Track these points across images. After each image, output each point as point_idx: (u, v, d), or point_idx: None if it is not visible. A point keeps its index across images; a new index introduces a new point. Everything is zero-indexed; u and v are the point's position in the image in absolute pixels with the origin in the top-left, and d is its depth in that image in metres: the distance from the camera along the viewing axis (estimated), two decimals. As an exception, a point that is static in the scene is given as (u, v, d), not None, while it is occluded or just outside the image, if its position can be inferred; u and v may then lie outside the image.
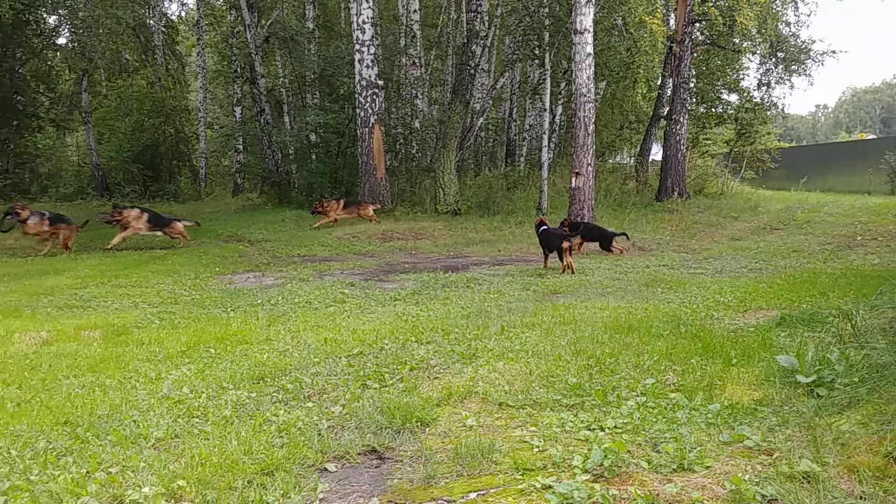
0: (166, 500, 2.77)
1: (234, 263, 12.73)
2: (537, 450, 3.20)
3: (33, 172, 29.68)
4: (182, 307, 8.39)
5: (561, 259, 10.50)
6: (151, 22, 34.26)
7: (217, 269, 11.91)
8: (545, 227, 11.28)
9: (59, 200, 29.39)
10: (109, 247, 14.78)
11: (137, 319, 7.50)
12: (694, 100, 24.29)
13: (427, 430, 3.58)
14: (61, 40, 24.81)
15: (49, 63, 23.23)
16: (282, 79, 27.32)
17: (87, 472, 3.10)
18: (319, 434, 3.54)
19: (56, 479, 3.02)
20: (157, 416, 3.96)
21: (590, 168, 14.13)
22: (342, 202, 18.50)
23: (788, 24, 24.93)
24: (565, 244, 10.50)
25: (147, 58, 34.28)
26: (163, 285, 10.05)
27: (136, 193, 30.22)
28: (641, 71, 20.07)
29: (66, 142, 35.04)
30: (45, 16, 22.22)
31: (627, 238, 12.34)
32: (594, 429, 3.40)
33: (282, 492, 2.83)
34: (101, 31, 23.91)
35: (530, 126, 27.04)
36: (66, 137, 34.13)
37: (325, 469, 3.17)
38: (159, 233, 15.63)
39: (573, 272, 10.18)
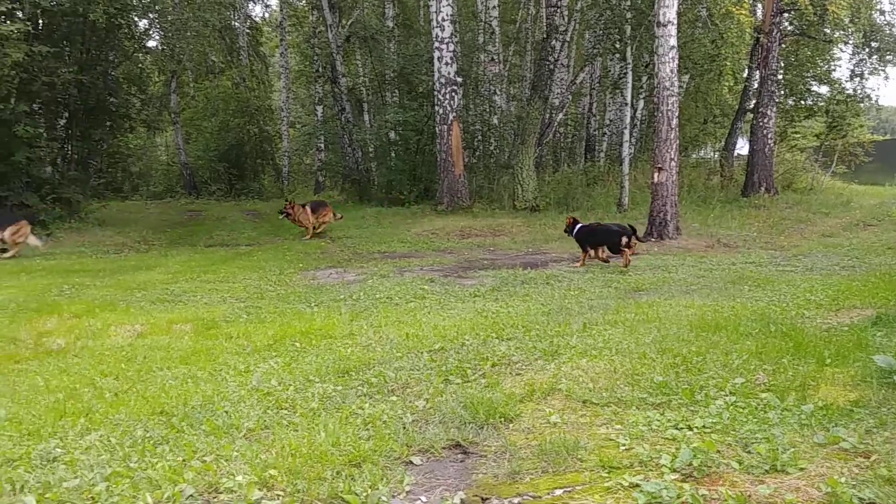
0: (259, 489, 2.86)
1: (316, 260, 12.99)
2: (623, 448, 3.17)
3: (125, 171, 30.84)
4: (268, 302, 8.60)
5: (620, 254, 10.60)
6: (236, 24, 35.24)
7: (300, 265, 12.18)
8: (581, 224, 11.32)
9: (149, 199, 30.55)
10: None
11: (226, 314, 7.73)
12: (782, 92, 23.50)
13: (510, 425, 3.59)
14: (151, 43, 25.70)
15: (140, 65, 24.08)
16: (362, 77, 27.68)
17: (184, 461, 3.22)
18: (404, 427, 3.58)
19: (154, 466, 3.15)
20: (247, 408, 4.08)
21: (673, 163, 13.82)
22: (308, 207, 17.00)
23: (883, 13, 23.92)
24: (623, 239, 10.50)
25: (232, 59, 35.24)
26: (249, 280, 10.33)
27: (222, 192, 31.15)
28: (727, 63, 19.55)
29: (155, 142, 36.34)
30: (136, 19, 23.05)
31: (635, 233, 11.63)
32: (682, 428, 3.34)
33: (370, 483, 2.88)
34: (188, 33, 24.67)
35: (610, 121, 26.67)
36: (156, 137, 35.39)
37: (411, 462, 3.21)
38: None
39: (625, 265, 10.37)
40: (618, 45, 19.98)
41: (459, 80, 19.71)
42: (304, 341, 6.12)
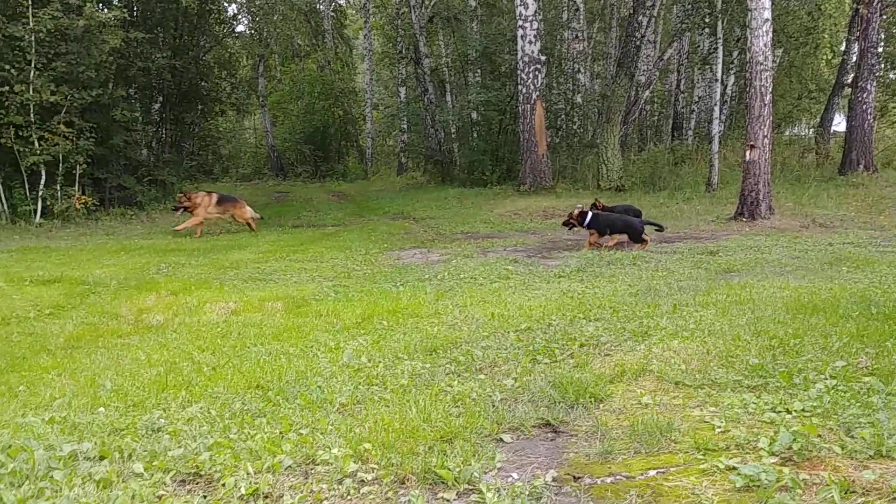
0: (354, 462, 2.92)
1: (400, 240, 13.13)
2: (719, 430, 3.10)
3: (215, 154, 31.80)
4: (355, 281, 8.76)
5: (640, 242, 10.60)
6: (321, 7, 35.75)
7: (385, 245, 12.33)
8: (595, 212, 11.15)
9: (238, 181, 31.44)
10: None
11: (315, 292, 7.91)
12: (883, 65, 22.33)
13: (601, 406, 3.55)
14: (240, 28, 26.44)
15: (230, 50, 24.76)
16: (444, 58, 27.70)
17: (281, 433, 3.32)
18: (493, 405, 3.60)
19: (253, 437, 3.25)
20: (339, 383, 4.16)
21: (766, 140, 13.34)
22: (214, 197, 15.00)
23: None
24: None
25: (317, 42, 35.79)
26: (336, 260, 10.53)
27: (308, 174, 31.78)
28: (825, 36, 18.71)
29: (244, 125, 37.30)
30: (225, 4, 23.72)
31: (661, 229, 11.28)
32: (780, 411, 3.24)
33: (462, 459, 2.91)
34: (275, 17, 25.24)
35: (699, 98, 25.94)
36: (245, 121, 36.33)
37: (501, 440, 3.22)
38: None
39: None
40: (707, 20, 19.37)
41: (543, 58, 19.49)
42: (392, 320, 6.20)
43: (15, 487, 2.74)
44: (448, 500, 2.63)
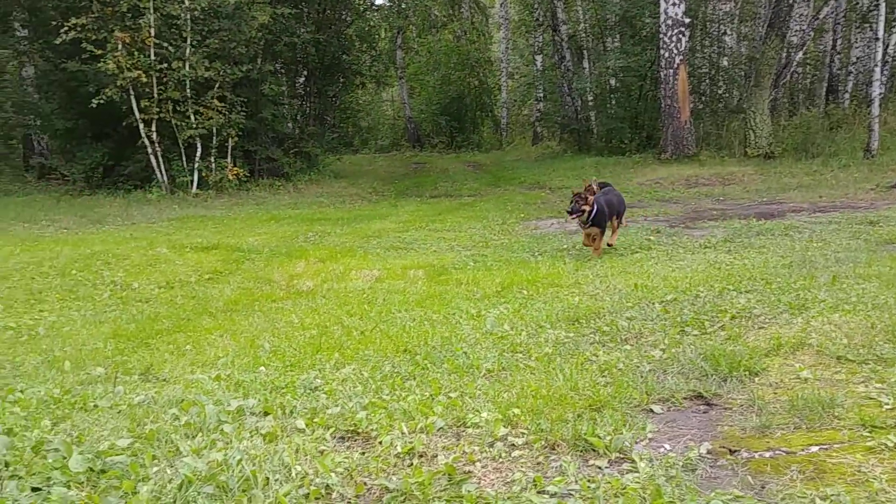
0: (504, 426, 2.96)
1: (537, 210, 13.08)
2: (887, 407, 2.92)
3: (355, 126, 32.60)
4: (493, 251, 8.81)
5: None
6: (458, -23, 35.73)
7: (521, 214, 12.32)
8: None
9: (377, 152, 32.17)
10: None
11: (454, 261, 8.02)
12: None
13: (756, 379, 3.42)
14: (379, 1, 26.87)
15: (370, 23, 25.24)
16: (583, 24, 27.11)
17: (431, 396, 3.41)
18: (642, 376, 3.54)
19: (405, 399, 3.36)
20: (483, 350, 4.23)
21: (935, 102, 12.34)
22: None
23: None
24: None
25: (454, 12, 35.87)
26: (474, 230, 10.62)
27: (444, 144, 32.09)
28: None
29: (381, 97, 38.02)
30: (367, -23, 24.22)
31: None
32: (955, 390, 3.03)
33: (612, 427, 2.89)
34: (414, -13, 25.59)
35: (857, 59, 24.12)
36: (382, 93, 37.01)
37: (651, 410, 3.17)
38: None
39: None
40: (870, -28, 17.97)
41: (687, 20, 18.70)
42: (531, 289, 6.21)
43: (189, 438, 2.96)
44: (600, 468, 2.62)
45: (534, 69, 31.97)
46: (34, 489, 2.47)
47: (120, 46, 15.36)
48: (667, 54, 18.61)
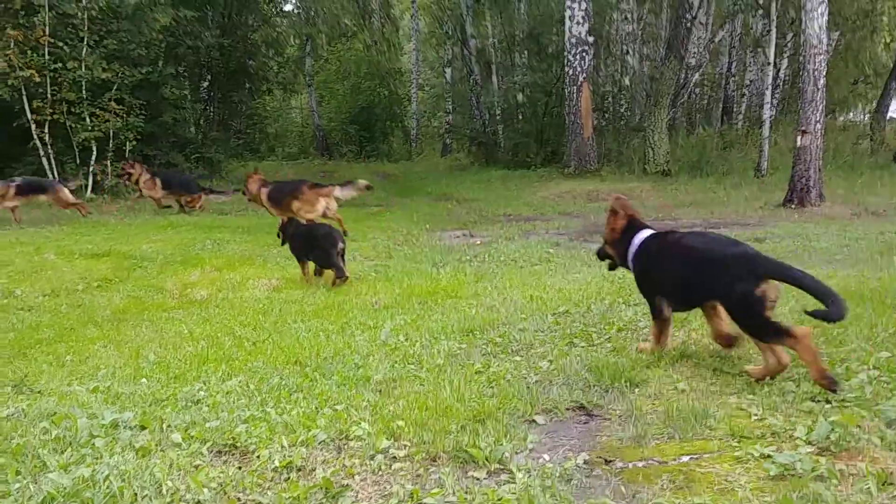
0: (387, 439, 2.95)
1: (443, 221, 13.14)
2: (755, 418, 3.05)
3: (262, 133, 32.05)
4: (395, 261, 8.81)
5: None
6: (368, -13, 35.68)
7: (427, 226, 12.35)
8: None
9: (284, 160, 31.69)
10: None
11: (355, 271, 7.96)
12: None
13: (636, 390, 3.52)
14: (288, 7, 26.57)
15: (277, 29, 24.91)
16: (491, 39, 27.49)
17: (316, 408, 3.37)
18: (528, 387, 3.59)
19: (289, 412, 3.30)
20: (376, 361, 4.21)
21: (818, 126, 13.00)
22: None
23: None
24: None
25: (364, 22, 35.78)
26: (378, 240, 10.59)
27: (353, 153, 31.90)
28: (884, 19, 18.10)
29: (290, 104, 37.53)
30: (273, -17, 23.91)
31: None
32: (819, 401, 3.18)
33: (494, 439, 2.91)
34: (323, -4, 25.39)
35: (751, 81, 25.32)
36: (291, 100, 36.55)
37: (534, 421, 3.22)
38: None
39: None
40: (761, 1, 18.90)
41: (591, 39, 19.24)
42: (431, 300, 6.23)
43: (58, 453, 2.83)
44: (478, 479, 2.64)
45: (444, 81, 32.21)
46: None
47: (12, 44, 14.66)
48: (571, 72, 19.08)
